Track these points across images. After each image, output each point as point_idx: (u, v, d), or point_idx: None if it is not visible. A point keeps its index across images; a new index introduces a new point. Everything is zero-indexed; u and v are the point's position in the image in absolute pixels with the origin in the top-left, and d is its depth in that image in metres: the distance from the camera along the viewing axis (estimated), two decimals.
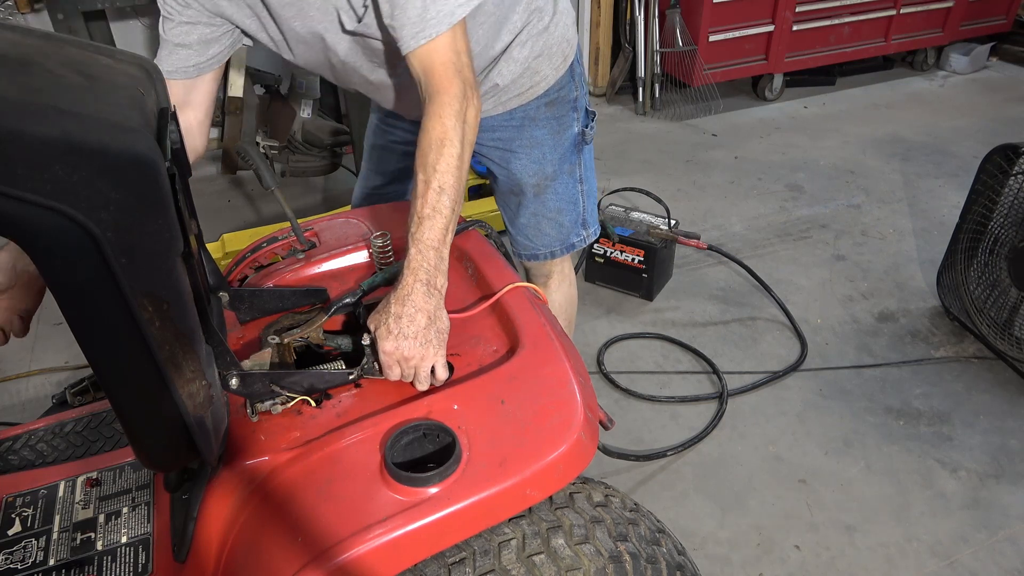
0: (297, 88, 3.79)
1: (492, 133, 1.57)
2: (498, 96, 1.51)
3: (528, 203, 1.65)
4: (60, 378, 2.46)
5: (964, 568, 1.80)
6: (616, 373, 2.41)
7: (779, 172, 3.69)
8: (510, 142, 1.57)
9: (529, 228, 1.69)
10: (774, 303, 2.72)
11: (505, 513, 0.92)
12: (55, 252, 0.66)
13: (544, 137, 1.57)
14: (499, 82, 1.47)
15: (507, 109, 1.54)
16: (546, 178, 1.61)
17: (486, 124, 1.55)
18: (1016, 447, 2.13)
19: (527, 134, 1.56)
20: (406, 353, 1.02)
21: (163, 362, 0.78)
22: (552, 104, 1.55)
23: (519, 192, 1.64)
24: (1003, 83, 4.77)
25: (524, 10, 1.42)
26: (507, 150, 1.58)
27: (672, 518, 1.92)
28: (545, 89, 1.53)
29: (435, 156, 1.08)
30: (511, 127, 1.56)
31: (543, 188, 1.62)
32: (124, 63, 0.83)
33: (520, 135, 1.56)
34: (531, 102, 1.54)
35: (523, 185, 1.61)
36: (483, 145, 1.60)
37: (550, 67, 1.51)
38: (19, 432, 1.26)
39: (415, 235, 1.07)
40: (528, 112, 1.54)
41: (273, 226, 2.99)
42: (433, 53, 1.12)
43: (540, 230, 1.69)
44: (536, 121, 1.55)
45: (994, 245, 2.30)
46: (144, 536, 1.04)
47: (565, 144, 1.60)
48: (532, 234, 1.70)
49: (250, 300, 1.22)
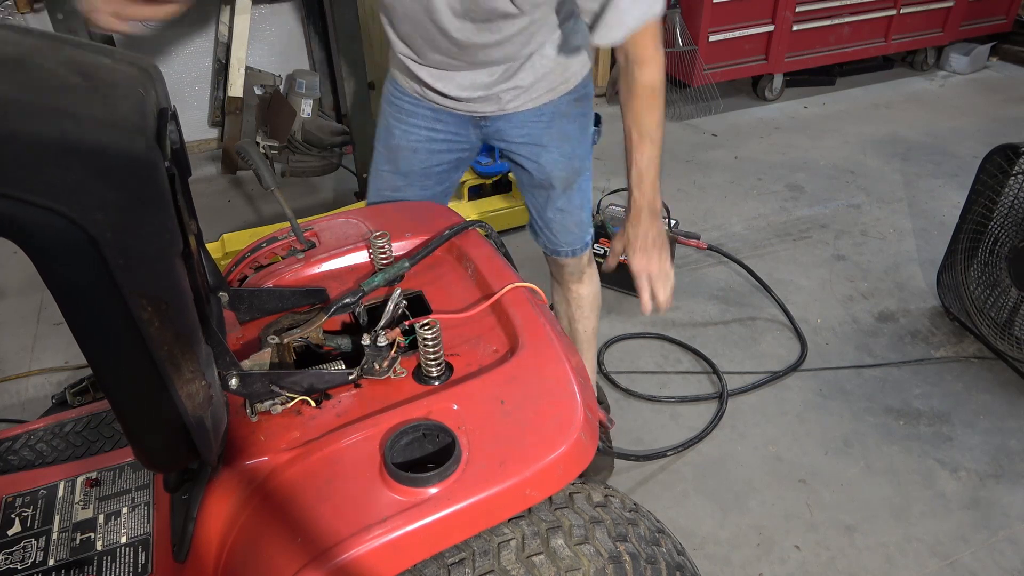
0: (297, 88, 3.79)
1: (522, 129, 1.59)
2: (529, 93, 1.52)
3: (556, 198, 1.67)
4: (60, 378, 2.45)
5: (964, 568, 1.80)
6: (616, 373, 2.41)
7: (779, 172, 3.69)
8: (540, 137, 1.59)
9: (555, 223, 1.71)
10: (774, 303, 2.72)
11: (505, 513, 0.92)
12: (54, 253, 0.66)
13: (573, 132, 1.61)
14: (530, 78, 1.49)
15: (537, 105, 1.56)
16: (574, 172, 1.65)
17: (516, 120, 1.58)
18: (1016, 447, 2.12)
19: (557, 128, 1.59)
20: (655, 266, 1.35)
21: (162, 362, 0.78)
22: (580, 100, 1.59)
23: (548, 186, 1.65)
24: (1003, 83, 4.77)
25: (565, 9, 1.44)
26: (538, 144, 1.60)
27: (672, 518, 1.92)
28: (574, 85, 1.57)
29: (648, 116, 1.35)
30: (542, 122, 1.58)
31: (571, 183, 1.65)
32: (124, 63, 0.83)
33: (550, 130, 1.58)
34: (561, 97, 1.56)
35: (553, 179, 1.64)
36: (512, 141, 1.61)
37: (578, 64, 1.54)
38: (19, 432, 1.26)
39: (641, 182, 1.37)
40: (559, 107, 1.57)
41: (273, 226, 2.99)
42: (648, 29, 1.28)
43: (565, 227, 1.71)
44: (567, 116, 1.59)
45: (994, 245, 2.30)
46: (144, 536, 1.04)
47: (588, 141, 1.65)
48: (558, 230, 1.72)
49: (250, 300, 1.22)
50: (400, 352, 1.09)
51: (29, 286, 2.93)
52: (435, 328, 1.03)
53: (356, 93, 3.23)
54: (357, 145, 3.36)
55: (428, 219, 1.43)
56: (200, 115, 4.03)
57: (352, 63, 3.16)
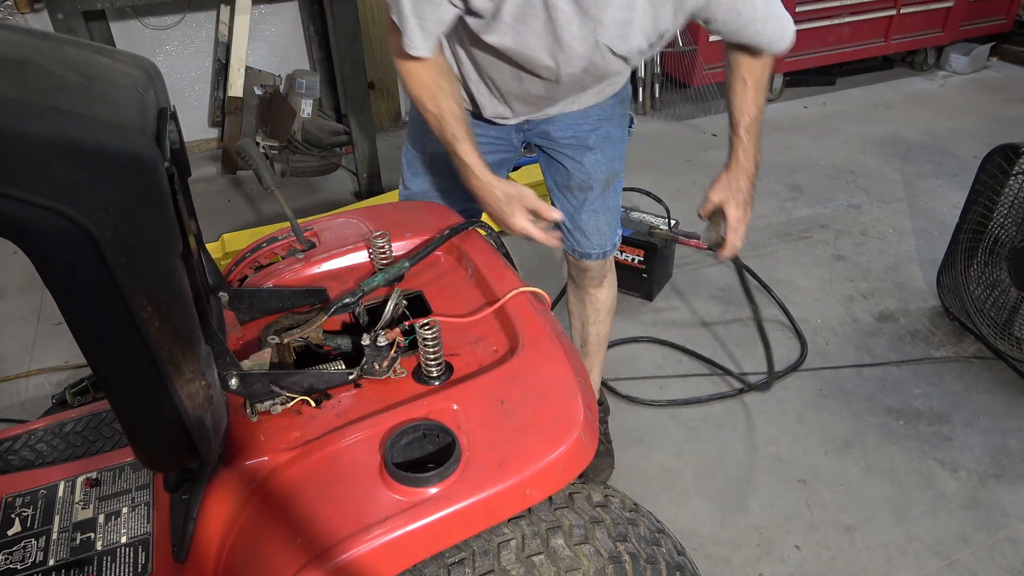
0: (297, 88, 3.79)
1: (567, 131, 1.60)
2: (578, 96, 1.54)
3: (593, 199, 1.68)
4: (60, 378, 2.45)
5: (964, 568, 1.80)
6: (615, 380, 2.40)
7: (779, 172, 3.69)
8: (586, 139, 1.61)
9: (589, 225, 1.71)
10: (774, 303, 2.72)
11: (505, 513, 0.92)
12: (54, 253, 0.66)
13: (616, 134, 1.63)
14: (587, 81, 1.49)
15: (583, 107, 1.57)
16: (613, 174, 1.67)
17: (562, 122, 1.59)
18: (1016, 447, 2.12)
19: (603, 130, 1.61)
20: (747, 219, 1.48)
21: (162, 362, 0.78)
22: (622, 102, 1.63)
23: (587, 188, 1.66)
24: (1003, 83, 4.77)
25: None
26: (583, 146, 1.62)
27: (672, 518, 1.92)
28: (619, 88, 1.59)
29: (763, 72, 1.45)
30: (588, 124, 1.59)
31: (609, 184, 1.67)
32: (123, 63, 0.83)
33: (596, 131, 1.60)
34: (607, 100, 1.59)
35: (594, 180, 1.65)
36: (557, 142, 1.63)
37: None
38: (19, 432, 1.26)
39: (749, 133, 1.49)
40: (604, 110, 1.59)
41: (273, 226, 2.99)
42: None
43: (599, 228, 1.72)
44: (612, 118, 1.61)
45: (994, 245, 2.30)
46: (144, 536, 1.04)
47: (626, 142, 1.68)
48: (591, 232, 1.72)
49: (250, 300, 1.22)
50: (400, 352, 1.09)
51: (29, 286, 2.93)
52: (435, 328, 1.03)
53: (356, 93, 3.23)
54: (357, 145, 3.36)
55: (428, 219, 1.43)
56: (200, 115, 4.03)
57: (352, 63, 3.16)
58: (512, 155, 1.70)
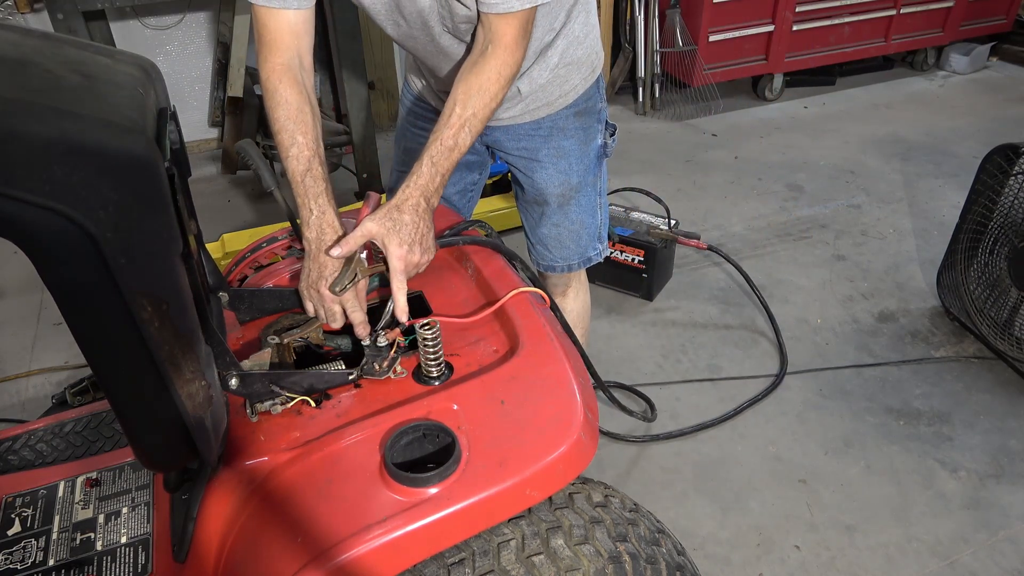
0: None
1: (519, 142, 1.57)
2: (526, 103, 1.51)
3: (551, 214, 1.64)
4: (60, 378, 2.45)
5: (964, 568, 1.80)
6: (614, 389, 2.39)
7: (779, 172, 3.69)
8: (536, 151, 1.57)
9: (550, 239, 1.68)
10: (775, 303, 2.72)
11: (505, 513, 0.92)
12: (54, 253, 0.66)
13: (572, 148, 1.57)
14: (527, 87, 1.47)
15: (535, 118, 1.54)
16: (571, 189, 1.61)
17: (514, 132, 1.56)
18: (1016, 447, 2.12)
19: (555, 144, 1.56)
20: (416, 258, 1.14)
21: (162, 362, 0.78)
22: (581, 115, 1.56)
23: (542, 202, 1.63)
24: (1003, 83, 4.77)
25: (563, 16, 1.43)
26: (533, 159, 1.58)
27: (672, 518, 1.92)
28: (574, 99, 1.54)
29: (477, 100, 1.21)
30: (539, 136, 1.56)
31: (567, 199, 1.62)
32: (123, 63, 0.83)
33: (547, 144, 1.56)
34: (560, 111, 1.54)
35: (547, 195, 1.61)
36: (509, 153, 1.60)
37: (579, 77, 1.52)
38: (19, 432, 1.26)
39: (433, 157, 1.18)
40: (557, 122, 1.55)
41: (273, 226, 2.99)
42: (513, 20, 1.22)
43: (561, 242, 1.68)
44: (565, 131, 1.56)
45: (994, 245, 2.30)
46: (144, 536, 1.04)
47: (590, 156, 1.61)
48: (552, 246, 1.69)
49: (250, 300, 1.22)
50: (400, 352, 1.10)
51: (29, 286, 2.93)
52: (435, 328, 1.03)
53: (356, 93, 3.23)
54: (357, 145, 3.36)
55: None
56: (200, 115, 4.03)
57: (352, 63, 3.16)
58: (478, 158, 1.69)
